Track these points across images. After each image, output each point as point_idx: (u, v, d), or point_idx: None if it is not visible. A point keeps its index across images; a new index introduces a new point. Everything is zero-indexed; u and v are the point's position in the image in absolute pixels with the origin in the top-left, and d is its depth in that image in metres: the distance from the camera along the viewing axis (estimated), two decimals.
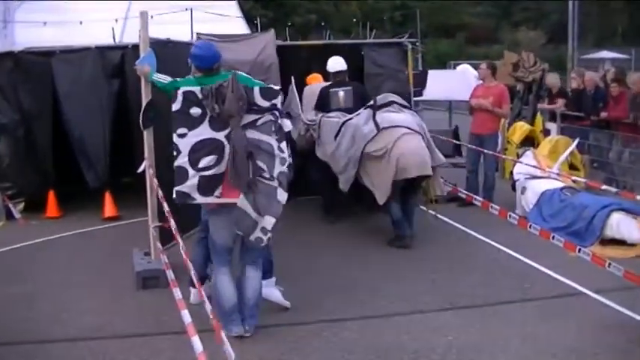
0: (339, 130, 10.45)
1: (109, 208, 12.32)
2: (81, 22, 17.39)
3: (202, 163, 6.70)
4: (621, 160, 14.03)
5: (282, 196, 6.71)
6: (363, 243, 10.41)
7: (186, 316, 4.84)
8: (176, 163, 6.75)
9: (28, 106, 12.25)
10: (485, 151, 12.25)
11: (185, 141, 6.73)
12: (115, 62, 12.05)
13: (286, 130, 6.99)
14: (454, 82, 18.94)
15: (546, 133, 15.93)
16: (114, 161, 12.40)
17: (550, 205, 11.01)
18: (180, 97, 6.77)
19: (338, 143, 10.40)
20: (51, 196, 12.49)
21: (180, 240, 6.18)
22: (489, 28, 59.64)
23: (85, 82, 12.10)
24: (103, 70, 12.10)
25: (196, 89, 6.77)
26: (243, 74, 7.13)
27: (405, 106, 10.69)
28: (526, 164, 12.04)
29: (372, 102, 10.52)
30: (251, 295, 7.06)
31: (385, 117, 10.20)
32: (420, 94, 20.70)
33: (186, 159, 6.71)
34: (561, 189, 11.19)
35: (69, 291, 8.54)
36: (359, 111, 10.52)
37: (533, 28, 53.04)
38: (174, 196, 6.80)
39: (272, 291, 7.70)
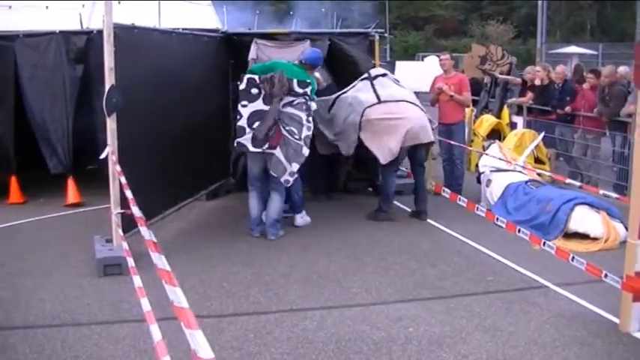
0: (332, 104, 11.14)
1: (71, 195, 12.20)
2: (47, 7, 17.20)
3: (255, 125, 9.75)
4: (586, 154, 14.12)
5: (306, 151, 9.82)
6: (325, 233, 10.39)
7: (145, 304, 4.79)
8: (238, 124, 9.84)
9: None
10: (453, 142, 12.47)
11: (245, 110, 9.80)
12: (79, 47, 11.91)
13: (312, 109, 9.90)
14: (422, 74, 18.98)
15: (513, 126, 16.01)
16: (77, 148, 12.24)
17: (515, 198, 11.05)
18: (245, 81, 9.84)
19: (334, 114, 11.09)
20: (13, 182, 12.35)
21: (142, 226, 6.13)
22: (458, 21, 59.83)
23: (49, 67, 11.95)
24: (66, 54, 11.94)
25: (256, 76, 9.80)
26: (295, 67, 10.10)
27: (397, 80, 11.65)
28: (492, 157, 12.08)
29: (366, 75, 11.40)
30: (273, 210, 10.11)
31: (386, 90, 11.08)
32: None
33: (245, 122, 9.76)
34: (526, 182, 11.23)
35: (29, 277, 8.43)
36: (354, 83, 11.32)
37: (503, 22, 53.24)
38: (235, 145, 10.05)
39: (304, 220, 10.87)
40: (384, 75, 11.44)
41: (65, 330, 6.88)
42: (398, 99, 11.00)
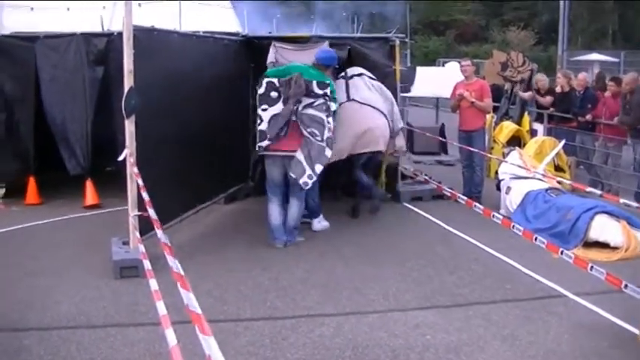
0: None
1: (89, 197, 12.23)
2: (68, 9, 17.25)
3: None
4: (607, 163, 14.03)
5: (328, 152, 9.68)
6: (342, 239, 10.33)
7: (161, 307, 4.75)
8: (259, 128, 9.66)
9: (10, 91, 12.17)
10: (473, 149, 12.42)
11: (266, 114, 9.62)
12: (99, 49, 11.92)
13: (332, 109, 9.71)
14: (442, 80, 18.92)
15: (533, 133, 15.91)
16: (96, 149, 12.26)
17: (534, 206, 10.97)
18: (264, 85, 9.68)
19: None
20: (31, 183, 12.39)
21: (159, 229, 6.11)
22: (479, 26, 59.65)
23: (69, 69, 12.00)
24: (87, 56, 11.96)
25: (275, 80, 9.64)
26: (312, 69, 9.91)
27: (374, 79, 11.57)
28: (511, 164, 12.01)
29: (342, 73, 11.41)
30: (291, 217, 10.04)
31: (358, 92, 11.09)
32: (408, 91, 20.73)
33: (266, 126, 9.59)
34: (546, 190, 11.15)
35: (45, 279, 8.45)
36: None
37: (524, 28, 53.05)
38: (257, 149, 9.89)
39: (322, 225, 10.88)
40: (359, 75, 11.40)
41: (80, 332, 6.88)
42: (363, 102, 11.03)
